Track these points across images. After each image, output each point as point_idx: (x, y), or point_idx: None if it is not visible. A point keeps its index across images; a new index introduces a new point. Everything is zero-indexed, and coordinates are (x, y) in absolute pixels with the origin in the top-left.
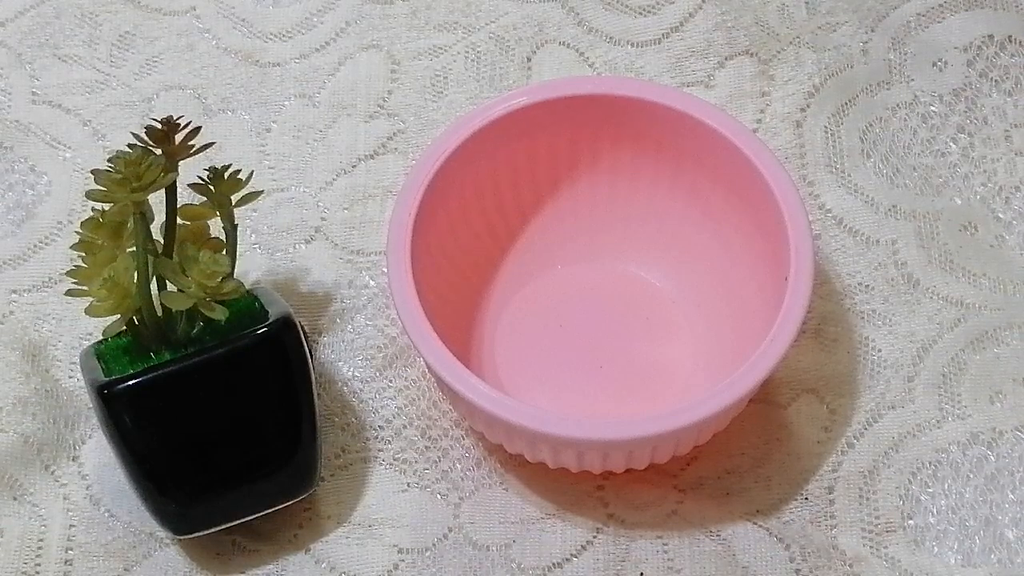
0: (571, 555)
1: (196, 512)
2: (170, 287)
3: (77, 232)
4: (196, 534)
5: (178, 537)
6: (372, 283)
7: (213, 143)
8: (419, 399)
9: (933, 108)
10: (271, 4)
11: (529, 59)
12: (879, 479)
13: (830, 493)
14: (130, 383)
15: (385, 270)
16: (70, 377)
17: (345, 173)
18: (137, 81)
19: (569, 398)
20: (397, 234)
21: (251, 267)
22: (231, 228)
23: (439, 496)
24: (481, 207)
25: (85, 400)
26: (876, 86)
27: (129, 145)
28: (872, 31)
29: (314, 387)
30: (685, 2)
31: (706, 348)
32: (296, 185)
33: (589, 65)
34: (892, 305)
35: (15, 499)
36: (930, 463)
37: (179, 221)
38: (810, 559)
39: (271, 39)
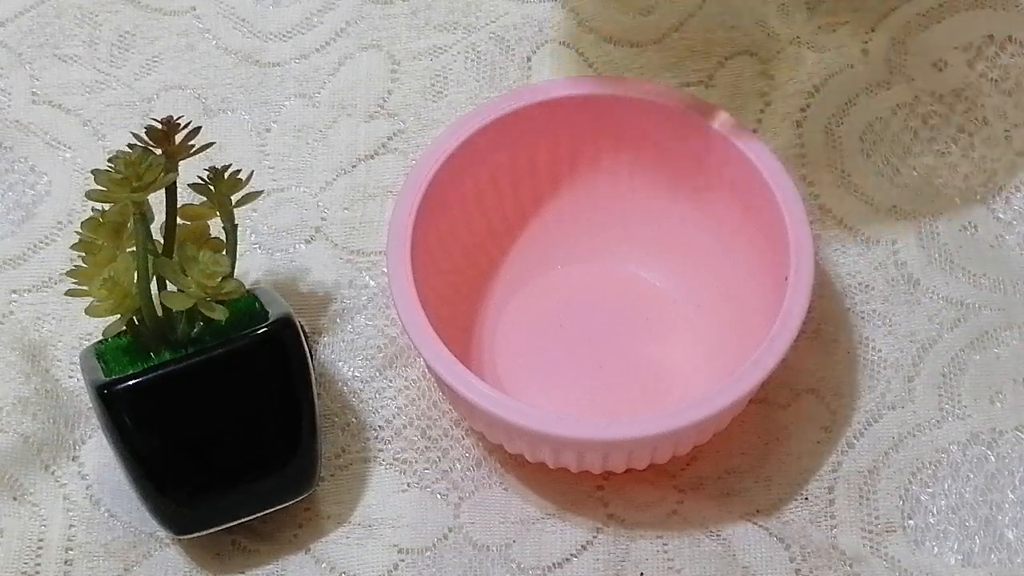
0: (571, 555)
1: (196, 512)
2: (170, 287)
3: (77, 232)
4: (196, 534)
5: (178, 537)
6: (372, 283)
7: (213, 143)
8: (419, 399)
9: (933, 108)
10: (271, 4)
11: (529, 59)
12: (879, 479)
13: (830, 493)
14: (130, 383)
15: (385, 270)
16: (70, 377)
17: (345, 173)
18: (137, 81)
19: (569, 398)
20: (397, 234)
21: (251, 267)
22: (231, 228)
23: (439, 496)
24: (481, 207)
25: (85, 400)
26: (876, 86)
27: (129, 145)
28: (872, 31)
29: (314, 387)
30: (685, 2)
31: (706, 348)
32: (296, 185)
33: (589, 65)
34: (892, 305)
35: (15, 499)
36: (930, 463)
37: (179, 221)
38: (810, 559)
39: (271, 39)
